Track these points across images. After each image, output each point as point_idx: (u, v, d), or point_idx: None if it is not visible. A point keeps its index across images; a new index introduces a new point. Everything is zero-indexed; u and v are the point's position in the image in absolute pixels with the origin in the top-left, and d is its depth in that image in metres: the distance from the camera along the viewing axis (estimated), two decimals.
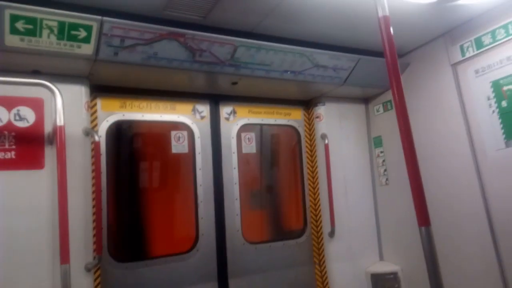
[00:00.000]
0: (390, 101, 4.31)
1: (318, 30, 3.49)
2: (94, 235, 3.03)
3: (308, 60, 3.59)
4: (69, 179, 2.69)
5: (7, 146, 2.77)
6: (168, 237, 3.73)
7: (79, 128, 3.05)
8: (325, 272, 4.19)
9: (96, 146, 3.05)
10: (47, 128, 2.92)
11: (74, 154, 2.93)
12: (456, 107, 3.60)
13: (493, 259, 3.27)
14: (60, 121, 2.70)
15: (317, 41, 3.67)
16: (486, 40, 3.38)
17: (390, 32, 1.95)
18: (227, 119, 4.03)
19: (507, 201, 3.21)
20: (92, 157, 3.13)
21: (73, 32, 2.66)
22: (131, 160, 3.74)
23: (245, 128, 4.13)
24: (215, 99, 3.99)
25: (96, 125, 3.38)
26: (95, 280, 3.04)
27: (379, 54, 2.04)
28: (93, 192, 3.09)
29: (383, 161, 4.39)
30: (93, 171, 3.14)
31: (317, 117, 4.40)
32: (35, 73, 2.92)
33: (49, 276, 2.72)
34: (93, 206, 3.07)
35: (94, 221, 3.05)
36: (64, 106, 2.75)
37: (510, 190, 3.19)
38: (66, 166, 2.69)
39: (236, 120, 4.08)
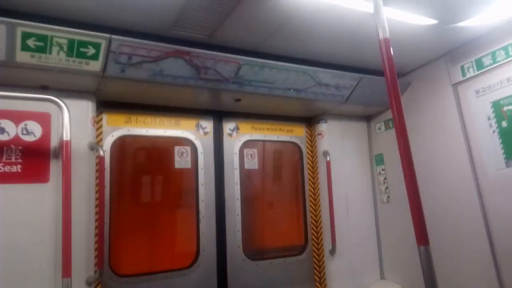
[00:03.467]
0: (391, 119, 4.35)
1: (321, 50, 3.56)
2: (96, 249, 3.05)
3: (311, 78, 3.65)
4: (73, 193, 2.73)
5: (13, 160, 2.82)
6: (169, 252, 3.73)
7: (85, 142, 3.10)
8: None
9: (100, 160, 3.09)
10: (53, 143, 2.97)
11: (79, 168, 2.97)
12: (456, 127, 3.63)
13: (494, 278, 3.26)
14: (66, 136, 2.74)
15: (319, 60, 3.74)
16: (487, 61, 3.43)
17: (390, 54, 1.99)
18: (230, 135, 4.08)
19: (508, 221, 3.21)
20: (97, 171, 3.17)
21: (82, 49, 2.73)
22: (135, 175, 3.78)
23: (247, 144, 4.17)
24: (219, 115, 4.05)
25: (101, 139, 3.43)
26: None
27: (381, 73, 2.08)
28: (96, 206, 3.12)
29: (385, 179, 4.41)
30: (97, 185, 3.17)
31: (319, 134, 4.44)
32: (43, 88, 2.99)
33: None
34: (96, 220, 3.10)
35: (96, 235, 3.07)
36: (71, 121, 2.80)
37: (511, 210, 3.20)
38: (71, 180, 2.73)
39: (239, 136, 4.12)
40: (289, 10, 2.84)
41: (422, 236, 1.80)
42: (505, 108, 3.30)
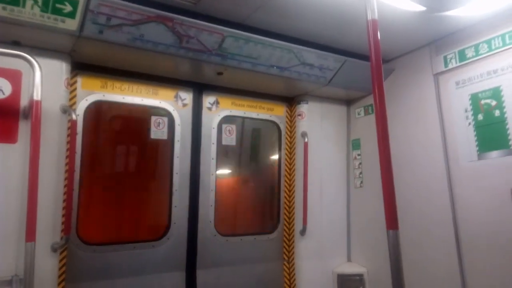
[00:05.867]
0: (371, 105, 4.37)
1: (307, 28, 3.50)
2: (63, 215, 2.96)
3: (295, 57, 3.59)
4: (42, 156, 2.62)
5: None
6: (139, 223, 3.69)
7: (57, 104, 2.97)
8: (293, 270, 4.23)
9: (72, 124, 2.98)
10: (23, 102, 2.84)
11: (49, 131, 2.86)
12: (434, 117, 3.68)
13: (456, 267, 3.38)
14: (37, 96, 2.62)
15: (305, 38, 3.68)
16: (469, 53, 3.46)
17: (377, 36, 1.96)
18: (210, 109, 4.00)
19: (474, 212, 3.32)
20: (68, 135, 3.06)
21: (58, 5, 2.59)
22: (108, 142, 3.67)
23: (227, 119, 4.11)
24: (199, 87, 3.95)
25: (74, 103, 3.29)
26: (60, 261, 2.98)
27: (365, 57, 2.05)
28: (65, 171, 3.01)
29: (360, 163, 4.46)
30: (67, 149, 3.06)
31: (299, 115, 4.42)
32: (15, 44, 2.82)
33: (13, 252, 2.66)
34: (65, 186, 3.00)
35: (64, 200, 2.97)
36: (43, 80, 2.68)
37: (478, 202, 3.30)
38: (40, 142, 2.62)
39: (218, 111, 4.06)
40: None
41: (392, 220, 1.81)
42: (482, 102, 3.36)
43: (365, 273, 4.22)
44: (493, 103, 3.27)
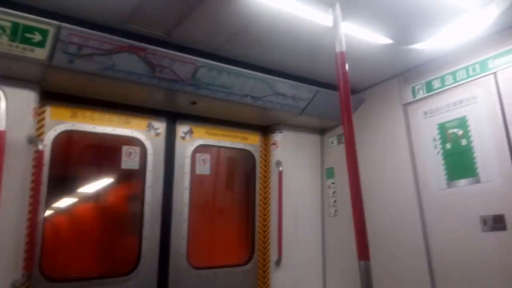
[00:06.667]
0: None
1: (280, 59, 3.57)
2: (26, 251, 2.81)
3: (269, 87, 3.64)
4: (4, 188, 2.52)
5: None
6: (107, 257, 3.54)
7: (23, 134, 2.88)
8: None
9: (39, 155, 2.89)
10: None
11: (13, 161, 2.75)
12: (404, 146, 3.76)
13: None
14: (1, 126, 2.54)
15: (278, 69, 3.74)
16: (436, 84, 3.59)
17: (345, 68, 2.02)
18: (183, 138, 3.97)
19: (446, 240, 3.34)
20: (34, 166, 2.94)
21: (27, 35, 2.56)
22: (77, 173, 3.56)
23: (200, 148, 4.07)
24: (173, 117, 3.92)
25: (42, 133, 3.20)
26: None
27: (336, 88, 2.11)
28: (29, 204, 2.88)
29: (334, 192, 4.47)
30: (32, 181, 2.94)
31: (274, 144, 4.43)
32: None
33: None
34: (28, 219, 2.86)
35: (27, 235, 2.83)
36: (9, 110, 2.62)
37: (449, 230, 3.33)
38: (3, 173, 2.51)
39: (192, 140, 4.02)
40: (250, 16, 2.82)
41: (363, 251, 1.81)
42: (449, 131, 3.46)
43: None
44: (460, 132, 3.37)
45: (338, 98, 2.04)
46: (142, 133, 3.70)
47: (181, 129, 3.98)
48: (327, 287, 4.39)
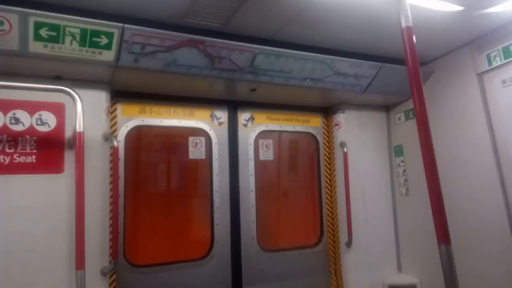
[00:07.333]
0: (412, 109, 4.20)
1: (339, 38, 3.44)
2: (110, 240, 3.06)
3: (328, 68, 3.54)
4: (87, 184, 2.73)
5: (28, 150, 2.83)
6: (183, 243, 3.73)
7: (99, 133, 3.08)
8: (342, 283, 4.12)
9: (115, 151, 3.08)
10: (68, 133, 2.96)
11: (93, 159, 2.97)
12: (481, 118, 3.48)
13: None
14: (79, 127, 2.74)
15: (338, 48, 3.61)
16: None
17: (413, 43, 1.89)
18: (245, 125, 4.02)
19: None
20: (111, 162, 3.16)
21: (95, 39, 2.70)
22: (149, 165, 3.76)
23: (263, 134, 4.10)
24: (234, 105, 3.98)
25: (115, 130, 3.41)
26: (110, 284, 3.07)
27: (402, 61, 1.98)
28: (110, 197, 3.11)
29: (404, 171, 4.29)
30: (111, 175, 3.16)
31: (336, 125, 4.34)
32: (57, 78, 2.97)
33: (64, 280, 2.75)
34: (110, 211, 3.09)
35: (110, 225, 3.07)
36: (85, 111, 2.80)
37: None
38: (85, 170, 2.73)
39: (254, 127, 4.06)
40: None
41: (443, 234, 1.71)
42: None
43: (418, 284, 4.03)
44: None
45: (404, 72, 1.93)
46: (206, 123, 3.81)
47: (243, 116, 4.03)
48: (402, 268, 4.27)
